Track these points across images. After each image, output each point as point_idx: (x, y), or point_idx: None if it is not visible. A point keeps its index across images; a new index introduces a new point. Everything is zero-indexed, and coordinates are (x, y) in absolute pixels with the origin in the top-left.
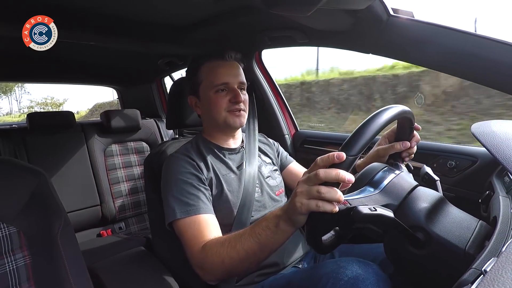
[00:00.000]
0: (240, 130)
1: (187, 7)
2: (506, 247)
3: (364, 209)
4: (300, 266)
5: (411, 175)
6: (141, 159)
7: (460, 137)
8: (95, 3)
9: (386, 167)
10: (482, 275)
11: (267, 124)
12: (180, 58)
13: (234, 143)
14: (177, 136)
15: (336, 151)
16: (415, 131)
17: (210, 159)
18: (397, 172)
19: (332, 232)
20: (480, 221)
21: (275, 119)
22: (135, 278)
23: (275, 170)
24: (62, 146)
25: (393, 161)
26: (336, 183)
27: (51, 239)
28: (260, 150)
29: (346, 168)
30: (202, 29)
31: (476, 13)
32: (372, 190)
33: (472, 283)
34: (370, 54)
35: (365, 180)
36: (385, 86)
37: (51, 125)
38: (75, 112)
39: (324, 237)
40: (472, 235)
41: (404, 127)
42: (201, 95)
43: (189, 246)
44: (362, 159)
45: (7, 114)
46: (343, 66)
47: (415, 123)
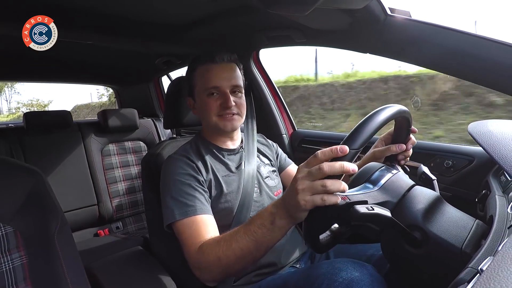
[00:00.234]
0: (239, 131)
1: (185, 7)
2: (502, 246)
3: (362, 208)
4: (297, 266)
5: (407, 176)
6: (138, 159)
7: None
8: (93, 3)
9: (383, 166)
10: (479, 274)
11: (265, 124)
12: (177, 58)
13: (233, 144)
14: (174, 135)
15: (338, 145)
16: (411, 135)
17: (209, 160)
18: (394, 171)
19: (327, 232)
20: (477, 220)
21: (273, 118)
22: (133, 278)
23: (274, 171)
24: (59, 146)
25: (389, 163)
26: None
27: (48, 238)
28: (259, 150)
29: (349, 161)
30: (200, 28)
31: (475, 13)
32: (371, 186)
33: (469, 282)
34: (367, 53)
35: (363, 178)
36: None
37: (47, 124)
38: None
39: (321, 236)
40: (468, 234)
41: (401, 129)
42: (196, 98)
43: (186, 247)
44: (357, 162)
45: None
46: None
47: (412, 126)
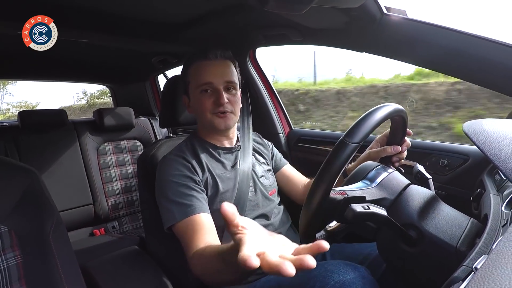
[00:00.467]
0: (235, 129)
1: (181, 5)
2: (497, 244)
3: (358, 207)
4: None
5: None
6: (134, 158)
7: None
8: (90, 2)
9: (379, 165)
10: (473, 272)
11: (262, 123)
12: (174, 56)
13: (229, 142)
14: (170, 134)
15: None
16: (406, 137)
17: (205, 159)
18: (390, 170)
19: (322, 232)
20: (471, 219)
21: (269, 117)
22: (129, 277)
23: (269, 170)
24: (54, 145)
25: (384, 165)
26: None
27: (43, 238)
28: (254, 149)
29: (349, 154)
30: (196, 27)
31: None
32: (368, 183)
33: (463, 280)
34: (363, 52)
35: (361, 175)
36: None
37: (43, 123)
38: None
39: (317, 234)
40: (463, 232)
41: (396, 131)
42: (190, 96)
43: (185, 250)
44: (352, 163)
45: None
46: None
47: (407, 129)
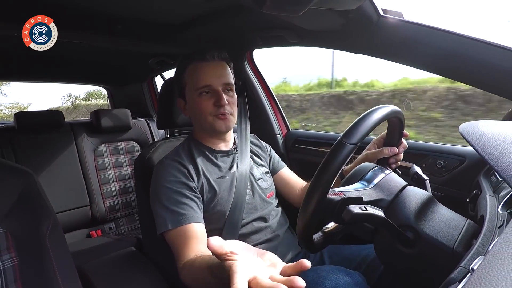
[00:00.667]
0: (231, 131)
1: (178, 6)
2: (493, 245)
3: (355, 208)
4: None
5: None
6: (131, 159)
7: None
8: (88, 2)
9: (376, 166)
10: (470, 274)
11: (259, 124)
12: (171, 58)
13: (226, 145)
14: (168, 136)
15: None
16: (403, 139)
17: (201, 163)
18: (387, 172)
19: (320, 233)
20: (468, 220)
21: (267, 119)
22: (126, 279)
23: (267, 173)
24: (51, 146)
25: (381, 166)
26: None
27: (39, 240)
28: (252, 151)
29: (347, 155)
30: (193, 28)
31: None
32: (366, 184)
33: (460, 281)
34: (360, 54)
35: (358, 176)
36: None
37: (39, 124)
38: None
39: (315, 236)
40: (460, 234)
41: (394, 132)
42: (187, 98)
43: (176, 259)
44: (349, 165)
45: None
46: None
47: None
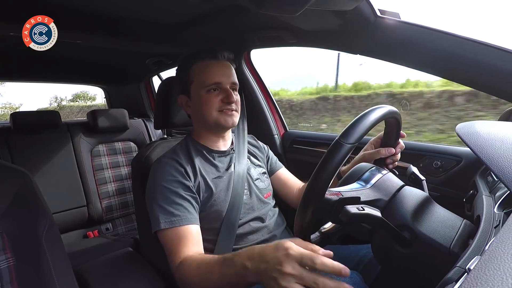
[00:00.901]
0: (230, 131)
1: (176, 6)
2: (489, 245)
3: (353, 208)
4: None
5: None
6: (128, 159)
7: None
8: (86, 2)
9: (374, 167)
10: (466, 273)
11: (257, 124)
12: (168, 58)
13: (224, 145)
14: (165, 136)
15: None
16: (400, 139)
17: (198, 162)
18: (384, 172)
19: (317, 233)
20: (464, 220)
21: (265, 119)
22: (123, 279)
23: (264, 173)
24: (47, 146)
25: (378, 166)
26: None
27: (35, 240)
28: (249, 152)
29: (344, 154)
30: (191, 28)
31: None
32: (363, 184)
33: (457, 281)
34: (357, 54)
35: (355, 176)
36: None
37: (35, 124)
38: None
39: (312, 236)
40: (456, 234)
41: (391, 133)
42: (192, 95)
43: (169, 257)
44: (347, 165)
45: None
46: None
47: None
